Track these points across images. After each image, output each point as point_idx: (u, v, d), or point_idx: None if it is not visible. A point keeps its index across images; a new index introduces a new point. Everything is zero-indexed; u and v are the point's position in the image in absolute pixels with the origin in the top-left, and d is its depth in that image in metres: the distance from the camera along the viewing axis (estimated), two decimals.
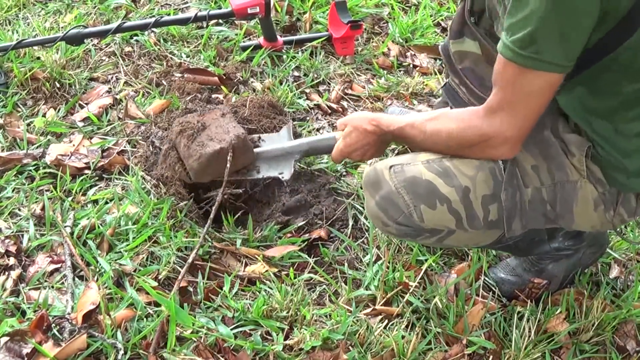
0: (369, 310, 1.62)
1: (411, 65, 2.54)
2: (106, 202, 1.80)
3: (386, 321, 1.59)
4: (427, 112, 1.47)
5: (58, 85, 2.19)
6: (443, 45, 1.50)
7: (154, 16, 2.47)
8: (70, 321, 1.47)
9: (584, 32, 1.13)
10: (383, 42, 2.61)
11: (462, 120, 1.31)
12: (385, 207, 1.36)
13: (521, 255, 1.70)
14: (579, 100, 1.31)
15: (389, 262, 1.69)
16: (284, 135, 1.91)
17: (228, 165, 1.69)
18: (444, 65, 1.50)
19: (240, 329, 1.54)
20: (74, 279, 1.59)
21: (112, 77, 2.29)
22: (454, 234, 1.38)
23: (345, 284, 1.67)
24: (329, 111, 2.26)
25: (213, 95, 2.20)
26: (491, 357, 1.55)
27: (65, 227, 1.69)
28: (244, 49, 2.42)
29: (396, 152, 2.07)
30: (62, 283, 1.59)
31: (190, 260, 1.61)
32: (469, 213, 1.33)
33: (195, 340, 1.49)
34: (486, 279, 1.72)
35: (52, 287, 1.58)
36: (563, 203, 1.35)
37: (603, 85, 1.24)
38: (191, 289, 1.63)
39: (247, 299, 1.62)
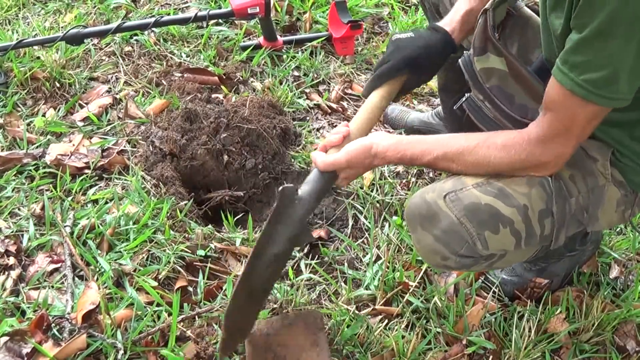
0: (369, 310, 1.62)
1: None
2: (106, 202, 1.80)
3: (386, 321, 1.59)
4: (448, 136, 1.38)
5: (58, 85, 2.19)
6: (464, 59, 1.42)
7: (153, 16, 2.47)
8: (70, 321, 1.47)
9: None
10: (383, 41, 2.61)
11: (513, 149, 1.26)
12: (447, 240, 1.27)
13: (537, 260, 1.69)
14: None
15: (389, 262, 1.69)
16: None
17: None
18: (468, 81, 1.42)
19: None
20: (73, 279, 1.59)
21: (112, 77, 2.29)
22: (505, 256, 1.36)
23: (345, 284, 1.67)
24: (329, 111, 2.26)
25: (213, 95, 2.20)
26: (491, 357, 1.55)
27: (65, 226, 1.69)
28: (244, 48, 2.42)
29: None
30: (62, 283, 1.59)
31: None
32: (528, 232, 1.30)
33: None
34: (488, 276, 1.72)
35: (52, 286, 1.58)
36: (594, 207, 1.35)
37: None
38: (191, 289, 1.63)
39: None
